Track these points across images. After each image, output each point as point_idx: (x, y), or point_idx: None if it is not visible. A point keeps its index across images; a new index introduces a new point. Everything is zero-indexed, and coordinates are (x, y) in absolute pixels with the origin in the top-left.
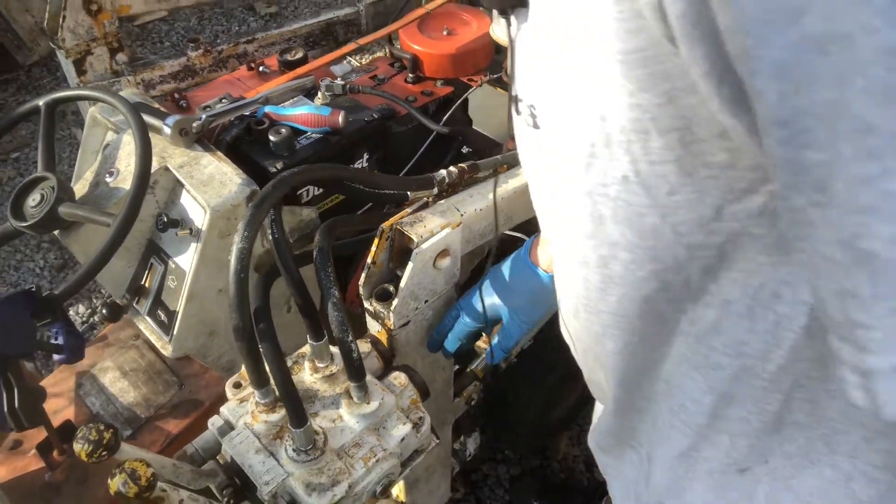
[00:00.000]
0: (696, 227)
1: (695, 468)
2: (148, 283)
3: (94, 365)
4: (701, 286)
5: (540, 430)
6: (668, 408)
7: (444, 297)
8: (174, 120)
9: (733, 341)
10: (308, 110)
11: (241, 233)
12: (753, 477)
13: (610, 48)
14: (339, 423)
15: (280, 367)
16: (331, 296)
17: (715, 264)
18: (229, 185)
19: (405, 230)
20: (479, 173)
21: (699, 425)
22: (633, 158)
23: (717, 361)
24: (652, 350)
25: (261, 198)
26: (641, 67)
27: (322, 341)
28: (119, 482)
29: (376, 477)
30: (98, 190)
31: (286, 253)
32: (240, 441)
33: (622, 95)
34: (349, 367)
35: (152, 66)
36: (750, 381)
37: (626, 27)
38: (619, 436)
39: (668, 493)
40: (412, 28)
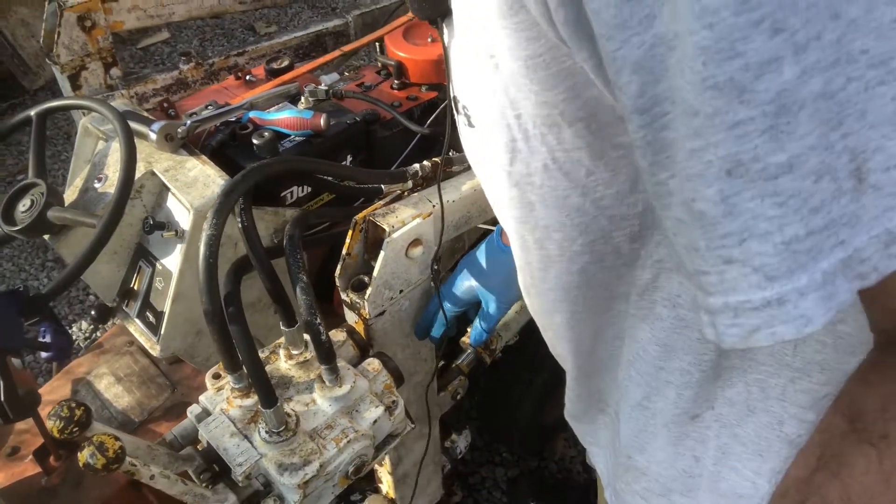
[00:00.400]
0: (615, 200)
1: (653, 421)
2: (137, 286)
3: (90, 372)
4: (631, 252)
5: (535, 431)
6: (625, 361)
7: (421, 287)
8: (159, 125)
9: (669, 294)
10: (290, 114)
11: (209, 221)
12: (703, 423)
13: (513, 55)
14: (312, 407)
15: (248, 347)
16: (299, 280)
17: (639, 231)
18: (212, 187)
19: (377, 221)
20: (453, 167)
21: (648, 375)
22: (549, 149)
23: (658, 313)
24: (599, 314)
25: (229, 187)
26: (544, 69)
27: (295, 327)
28: (87, 454)
29: (348, 457)
30: (87, 195)
31: (256, 241)
32: (215, 426)
33: (530, 94)
34: (318, 348)
35: (145, 80)
36: (686, 333)
37: (525, 35)
38: (588, 400)
39: (634, 446)
40: (397, 35)
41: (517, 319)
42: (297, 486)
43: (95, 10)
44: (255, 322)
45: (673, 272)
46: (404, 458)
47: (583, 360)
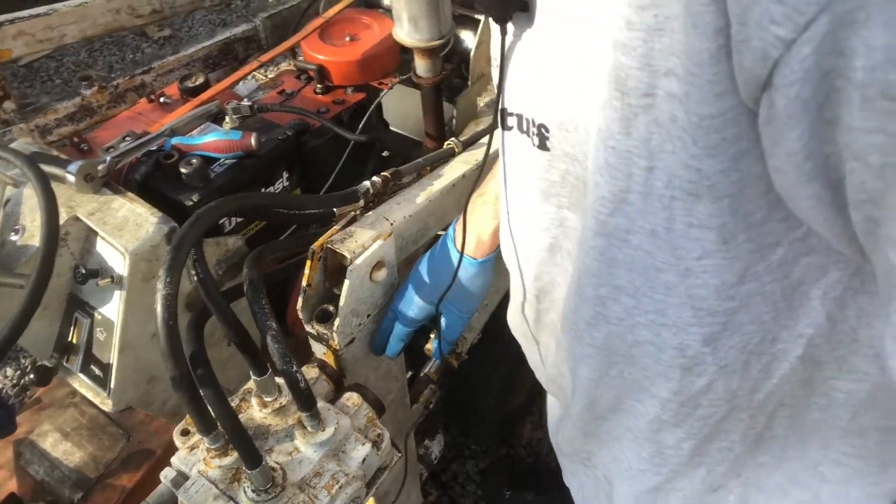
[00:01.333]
0: (713, 293)
1: (667, 499)
2: (75, 339)
3: (31, 431)
4: (697, 355)
5: (501, 418)
6: (635, 454)
7: (386, 308)
8: (77, 166)
9: (725, 393)
10: (217, 136)
11: (163, 279)
12: (725, 490)
13: (686, 106)
14: (296, 456)
15: (225, 411)
16: (268, 328)
17: (718, 332)
18: (145, 226)
19: (336, 248)
20: (402, 179)
21: (677, 464)
22: (669, 216)
23: (702, 414)
24: (626, 396)
25: (179, 239)
26: (716, 133)
27: (266, 375)
28: None
29: (342, 503)
30: (4, 251)
31: (214, 293)
32: (195, 490)
33: (683, 154)
34: (298, 397)
35: (45, 111)
36: (737, 416)
37: (714, 90)
38: (577, 452)
39: None
40: (314, 38)
41: (479, 318)
42: None
43: None
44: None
45: (736, 374)
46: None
47: (589, 420)
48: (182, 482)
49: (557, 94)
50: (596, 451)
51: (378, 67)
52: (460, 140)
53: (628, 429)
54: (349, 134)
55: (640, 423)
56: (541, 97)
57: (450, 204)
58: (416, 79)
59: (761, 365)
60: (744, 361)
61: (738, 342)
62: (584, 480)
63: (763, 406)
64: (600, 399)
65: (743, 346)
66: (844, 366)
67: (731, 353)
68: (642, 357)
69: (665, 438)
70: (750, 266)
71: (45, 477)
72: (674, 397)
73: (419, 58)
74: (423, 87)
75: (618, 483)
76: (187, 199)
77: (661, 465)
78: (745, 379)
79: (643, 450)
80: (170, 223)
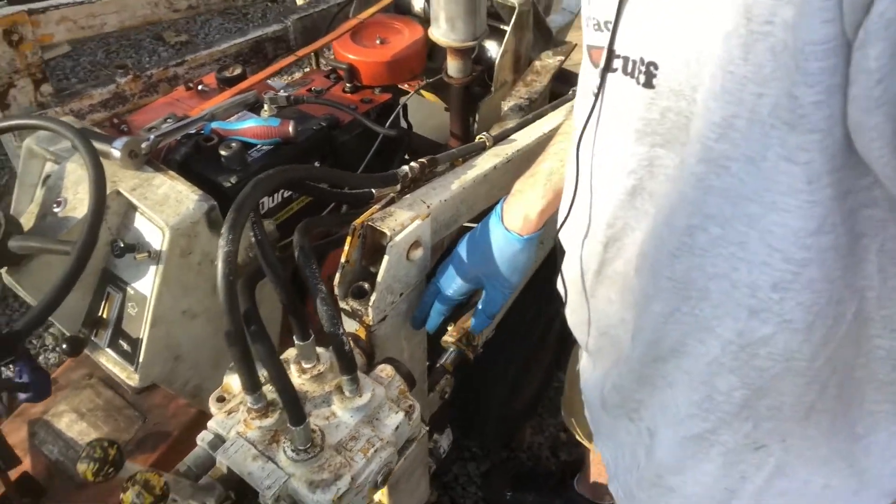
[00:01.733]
0: (791, 235)
1: (708, 451)
2: (106, 314)
3: (46, 411)
4: (766, 299)
5: (505, 422)
6: (686, 399)
7: (418, 289)
8: (122, 142)
9: (784, 350)
10: (257, 123)
11: (225, 236)
12: (766, 451)
13: (798, 36)
14: (332, 420)
15: (276, 365)
16: (318, 291)
17: (788, 281)
18: (185, 203)
19: (377, 225)
20: (437, 167)
21: (726, 412)
22: (766, 144)
23: (758, 365)
24: (691, 335)
25: (240, 200)
26: (816, 60)
27: (309, 340)
28: (132, 494)
29: (376, 467)
30: (46, 221)
31: (270, 254)
32: (235, 450)
33: (786, 83)
34: (341, 359)
35: (80, 96)
36: (792, 380)
37: (823, 16)
38: (626, 402)
39: (672, 469)
40: (346, 39)
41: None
42: (331, 501)
43: (22, 22)
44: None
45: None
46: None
47: (645, 362)
48: (219, 444)
49: (674, 31)
50: (646, 399)
51: (406, 69)
52: (491, 135)
53: (685, 371)
54: (378, 127)
55: (699, 365)
56: (656, 36)
57: (480, 195)
58: (447, 79)
59: (825, 329)
60: (809, 322)
61: (805, 299)
62: (624, 439)
63: (819, 374)
64: (665, 338)
65: (810, 306)
66: (889, 324)
67: (797, 310)
68: (716, 292)
69: (719, 383)
70: (828, 215)
71: (59, 457)
72: (736, 339)
73: (452, 58)
74: (452, 87)
75: (662, 431)
76: (225, 180)
77: (709, 412)
78: (807, 342)
79: (695, 393)
80: (210, 201)
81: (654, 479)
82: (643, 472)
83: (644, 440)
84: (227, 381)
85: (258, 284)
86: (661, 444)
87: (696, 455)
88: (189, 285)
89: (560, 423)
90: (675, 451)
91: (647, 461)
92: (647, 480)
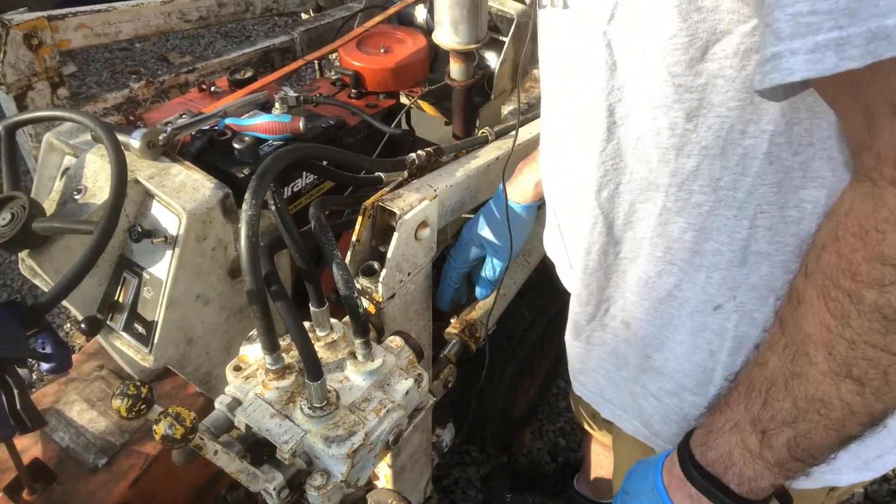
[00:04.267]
0: (685, 68)
1: (678, 312)
2: (122, 298)
3: (58, 401)
4: (684, 132)
5: (505, 425)
6: (650, 260)
7: (424, 271)
8: (141, 133)
9: (710, 179)
10: (269, 118)
11: (248, 201)
12: (724, 314)
13: None
14: (346, 383)
15: (296, 321)
16: (334, 257)
17: (696, 108)
18: (202, 190)
19: (387, 205)
20: (442, 157)
21: (683, 261)
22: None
23: (696, 201)
24: (637, 199)
25: (262, 170)
26: None
27: (324, 307)
28: (165, 426)
29: (388, 426)
30: (67, 207)
31: (289, 222)
32: (253, 410)
33: None
34: (356, 321)
35: (95, 99)
36: (723, 213)
37: None
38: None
39: (653, 344)
40: (351, 47)
41: (497, 308)
42: (346, 455)
43: (42, 28)
44: (245, 329)
45: (717, 158)
46: (403, 449)
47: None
48: (236, 407)
49: None
50: (613, 293)
51: (410, 76)
52: (493, 130)
53: (642, 237)
54: (385, 127)
55: (651, 222)
56: None
57: (483, 184)
58: (449, 82)
59: (736, 157)
60: (721, 147)
61: (713, 122)
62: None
63: (743, 208)
64: (616, 216)
65: (718, 128)
66: (808, 172)
67: (708, 134)
68: (646, 148)
69: (671, 230)
70: (709, 46)
71: (69, 444)
72: (672, 180)
73: (455, 61)
74: (455, 90)
75: (635, 310)
76: (239, 171)
77: (671, 263)
78: (725, 168)
79: (657, 248)
80: (225, 189)
81: (642, 363)
82: (630, 364)
83: (622, 334)
84: (244, 352)
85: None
86: (637, 322)
87: (671, 321)
88: (203, 270)
89: (559, 429)
90: (653, 320)
91: (629, 349)
92: (636, 368)
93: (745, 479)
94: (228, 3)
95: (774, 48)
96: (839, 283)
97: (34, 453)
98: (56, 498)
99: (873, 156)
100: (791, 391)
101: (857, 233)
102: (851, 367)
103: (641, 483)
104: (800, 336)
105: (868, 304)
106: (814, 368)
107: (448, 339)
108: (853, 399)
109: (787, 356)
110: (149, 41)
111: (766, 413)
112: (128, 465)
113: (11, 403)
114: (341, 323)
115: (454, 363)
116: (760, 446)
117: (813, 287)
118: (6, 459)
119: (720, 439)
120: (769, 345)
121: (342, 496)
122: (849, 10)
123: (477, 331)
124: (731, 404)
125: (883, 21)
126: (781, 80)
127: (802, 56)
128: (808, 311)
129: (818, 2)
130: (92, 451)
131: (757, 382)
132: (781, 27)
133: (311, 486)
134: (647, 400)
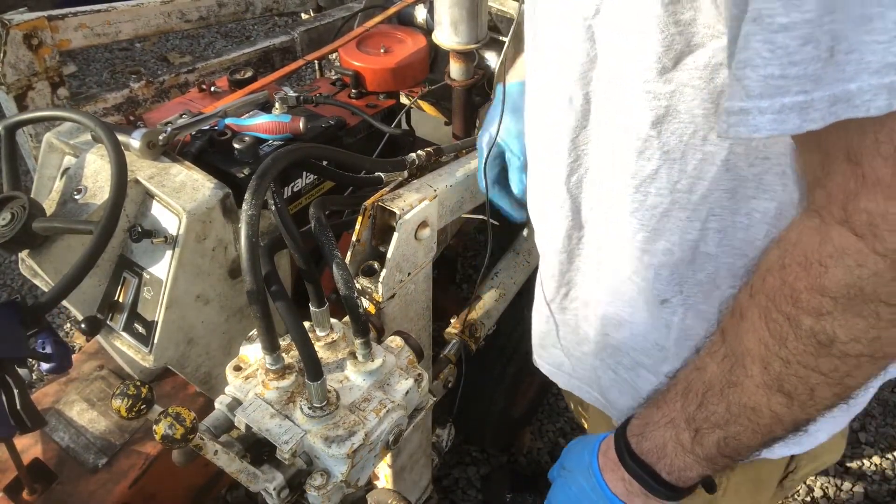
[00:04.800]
0: (656, 74)
1: (638, 296)
2: (122, 298)
3: (58, 400)
4: (647, 138)
5: (505, 425)
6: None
7: (424, 271)
8: (141, 133)
9: (668, 183)
10: (269, 118)
11: (248, 201)
12: (670, 308)
13: None
14: (346, 384)
15: (296, 321)
16: (334, 257)
17: (662, 116)
18: (202, 190)
19: (387, 205)
20: (442, 157)
21: (635, 259)
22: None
23: (651, 203)
24: (600, 185)
25: (262, 170)
26: None
27: (324, 307)
28: (165, 426)
29: (388, 426)
30: (67, 207)
31: (290, 222)
32: (253, 410)
33: None
34: (356, 321)
35: (95, 99)
36: (677, 214)
37: None
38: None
39: (612, 322)
40: (351, 47)
41: (496, 308)
42: (346, 455)
43: (42, 28)
44: (244, 329)
45: (677, 162)
46: (402, 450)
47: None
48: (236, 407)
49: None
50: (575, 275)
51: (410, 76)
52: None
53: (603, 228)
54: (385, 127)
55: (608, 216)
56: None
57: None
58: (449, 82)
59: (696, 162)
60: (682, 151)
61: (676, 128)
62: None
63: (697, 210)
64: (582, 202)
65: (681, 135)
66: (761, 184)
67: (671, 139)
68: (613, 144)
69: (625, 230)
70: (681, 57)
71: (69, 443)
72: (630, 181)
73: (455, 61)
74: (455, 90)
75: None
76: (239, 171)
77: (626, 258)
78: (683, 172)
79: (613, 242)
80: (225, 189)
81: (600, 339)
82: (591, 340)
83: (581, 312)
84: (244, 352)
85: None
86: (596, 303)
87: (630, 305)
88: (203, 270)
89: (559, 429)
90: (612, 301)
91: (588, 327)
92: (595, 344)
93: (675, 468)
94: (228, 3)
95: (743, 104)
96: (781, 307)
97: (34, 453)
98: (56, 498)
99: (825, 194)
100: (726, 397)
101: (802, 263)
102: (783, 383)
103: (578, 461)
104: (740, 349)
105: (805, 329)
106: (749, 380)
107: (448, 339)
108: (781, 410)
109: (725, 365)
110: (149, 41)
111: (700, 414)
112: (128, 465)
113: (11, 403)
114: (341, 323)
115: (454, 363)
116: (692, 442)
117: (756, 307)
118: (6, 459)
119: (655, 432)
120: (709, 352)
121: (342, 496)
122: (815, 77)
123: (477, 331)
124: (668, 401)
125: (847, 85)
126: (747, 135)
127: (769, 115)
128: (749, 327)
129: (788, 67)
130: (92, 451)
131: (695, 385)
132: (751, 86)
133: (311, 486)
134: (605, 373)
